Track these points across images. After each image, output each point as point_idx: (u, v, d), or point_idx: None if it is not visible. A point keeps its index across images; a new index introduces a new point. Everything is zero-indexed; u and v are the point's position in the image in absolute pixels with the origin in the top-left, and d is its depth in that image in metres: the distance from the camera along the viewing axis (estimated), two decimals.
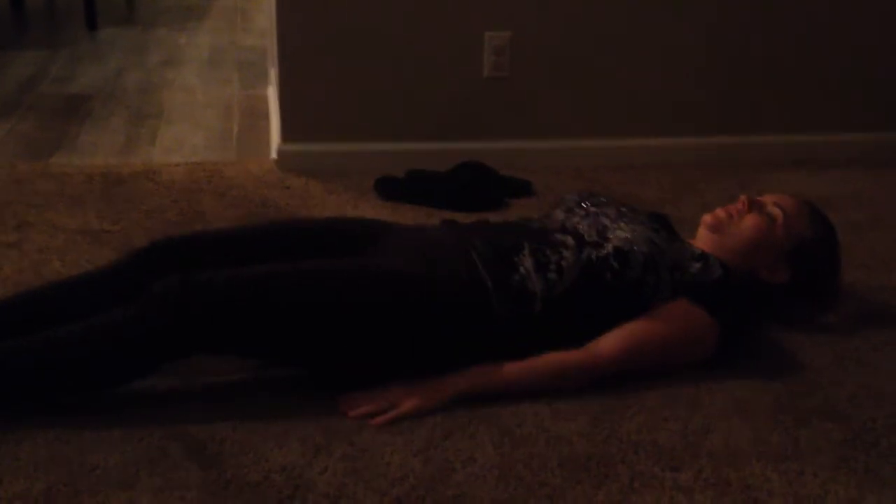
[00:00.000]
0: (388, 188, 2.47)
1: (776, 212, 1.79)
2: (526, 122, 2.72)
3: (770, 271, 1.79)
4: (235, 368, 1.61)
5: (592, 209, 1.77)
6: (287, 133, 2.62)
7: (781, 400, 1.63)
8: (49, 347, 1.45)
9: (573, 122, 2.74)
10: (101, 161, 2.64)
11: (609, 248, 1.65)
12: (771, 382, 1.67)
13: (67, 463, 1.38)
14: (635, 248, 1.64)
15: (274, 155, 2.65)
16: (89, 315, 1.50)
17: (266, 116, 3.11)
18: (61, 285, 1.70)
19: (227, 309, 1.47)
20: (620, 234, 1.67)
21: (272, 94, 3.06)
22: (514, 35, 2.63)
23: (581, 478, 1.41)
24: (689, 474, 1.43)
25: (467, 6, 2.58)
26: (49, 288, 1.70)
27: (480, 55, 2.63)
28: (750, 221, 1.78)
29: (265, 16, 3.79)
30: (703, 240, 1.80)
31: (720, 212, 1.81)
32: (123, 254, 1.72)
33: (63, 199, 2.34)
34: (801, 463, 1.47)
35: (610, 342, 1.61)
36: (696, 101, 2.77)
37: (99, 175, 2.50)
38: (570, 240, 1.66)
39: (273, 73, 2.99)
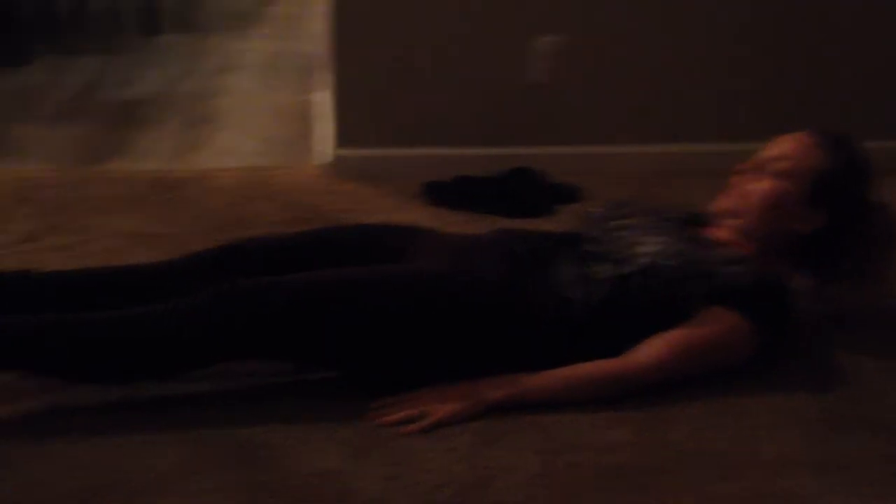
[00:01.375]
0: (437, 193, 2.48)
1: (779, 166, 1.72)
2: (574, 127, 2.71)
3: (804, 222, 1.73)
4: (275, 371, 1.63)
5: (619, 222, 1.75)
6: (339, 138, 2.65)
7: (829, 408, 1.60)
8: (107, 326, 1.49)
9: (621, 128, 2.72)
10: (157, 166, 2.69)
11: (637, 263, 1.63)
12: (816, 390, 1.64)
13: (114, 465, 1.41)
14: (663, 261, 1.62)
15: (324, 159, 2.68)
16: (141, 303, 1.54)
17: (319, 121, 3.14)
18: (122, 270, 1.75)
19: (284, 314, 1.50)
20: (648, 248, 1.65)
21: (324, 99, 3.10)
22: (564, 39, 2.62)
23: (625, 488, 1.40)
24: (738, 485, 1.41)
25: (515, 12, 2.58)
26: (110, 270, 1.75)
27: (528, 60, 2.63)
28: (754, 189, 1.73)
29: (319, 22, 3.83)
30: (726, 230, 1.76)
31: (723, 198, 1.77)
32: (180, 255, 1.76)
33: (119, 202, 2.40)
34: (852, 475, 1.44)
35: (647, 351, 1.59)
36: (747, 106, 2.73)
37: (154, 179, 2.55)
38: (599, 253, 1.66)
39: (326, 79, 3.02)
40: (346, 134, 2.64)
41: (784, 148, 1.75)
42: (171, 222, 2.29)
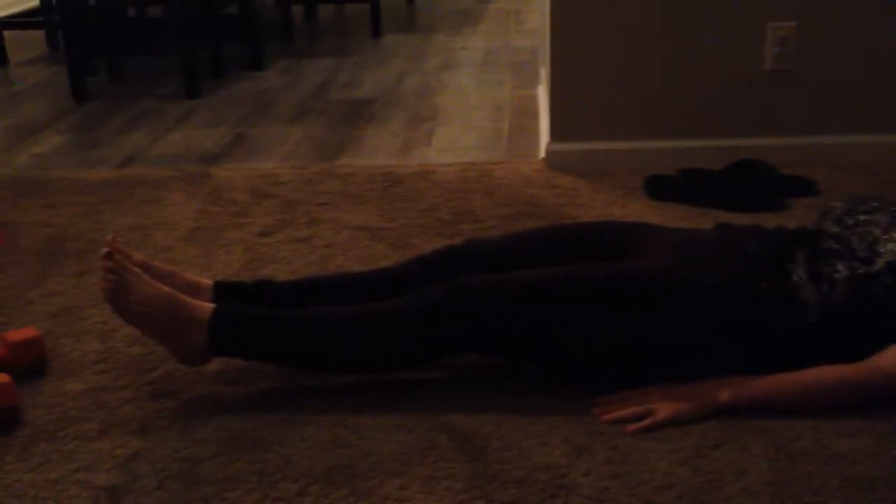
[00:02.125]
0: (659, 187, 2.41)
1: None
2: (811, 116, 2.55)
3: None
4: (493, 364, 1.64)
5: (862, 218, 1.61)
6: (556, 132, 2.64)
7: None
8: (336, 321, 1.58)
9: (864, 117, 2.54)
10: (382, 162, 2.79)
11: (881, 263, 1.50)
12: None
13: (346, 447, 1.47)
14: None
15: (543, 154, 2.68)
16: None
17: (536, 116, 3.15)
18: (347, 276, 1.85)
19: (509, 310, 1.52)
20: (893, 246, 1.51)
21: (542, 93, 3.10)
22: (801, 24, 2.47)
23: (865, 501, 1.30)
24: None
25: None
26: (335, 277, 1.86)
27: (762, 47, 2.50)
28: None
29: (537, 16, 3.84)
30: None
31: None
32: (407, 260, 1.82)
33: (347, 197, 2.51)
34: None
35: (893, 358, 1.46)
36: None
37: (379, 175, 2.65)
38: (839, 251, 1.54)
39: (544, 73, 3.02)
40: (562, 128, 2.62)
41: None
42: (395, 216, 2.36)
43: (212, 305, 1.60)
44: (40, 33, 4.68)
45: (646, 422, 1.47)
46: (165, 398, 1.62)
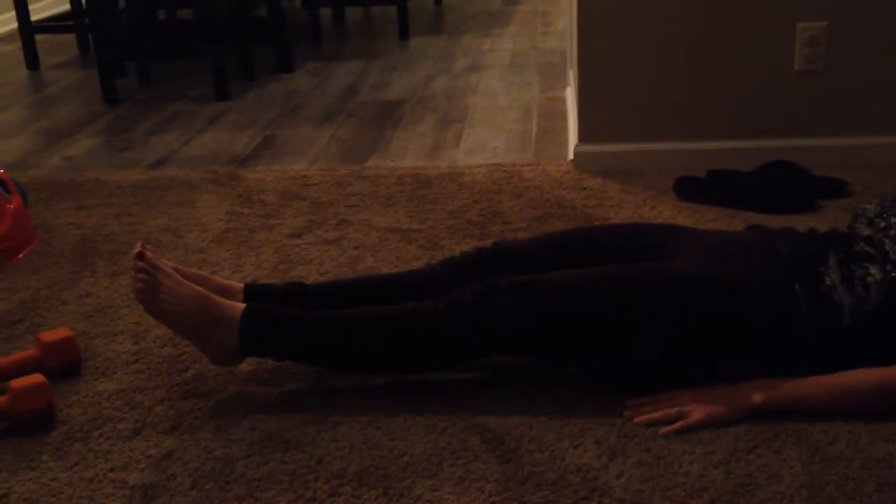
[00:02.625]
0: (689, 188, 2.40)
1: None
2: (843, 117, 2.53)
3: None
4: (522, 366, 1.64)
5: (895, 220, 1.60)
6: (585, 133, 2.63)
7: None
8: (367, 321, 1.58)
9: (890, 117, 2.51)
10: (411, 163, 2.80)
11: None
12: None
13: (378, 448, 1.47)
14: None
15: (571, 156, 2.67)
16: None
17: (564, 118, 3.14)
18: (377, 278, 1.87)
19: (539, 310, 1.51)
20: None
21: (570, 95, 3.09)
22: (831, 24, 2.45)
23: None
24: None
25: None
26: (365, 279, 1.87)
27: (792, 47, 2.48)
28: None
29: (565, 18, 3.83)
30: None
31: None
32: (436, 262, 1.84)
33: (377, 199, 2.51)
34: None
35: None
36: None
37: (409, 177, 2.65)
38: (874, 254, 1.53)
39: (571, 75, 3.01)
40: (590, 130, 2.61)
41: None
42: (424, 218, 2.36)
43: (242, 305, 1.61)
44: (71, 37, 4.73)
45: (678, 424, 1.46)
46: (198, 398, 1.64)
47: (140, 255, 1.58)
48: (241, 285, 1.74)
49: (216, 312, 1.58)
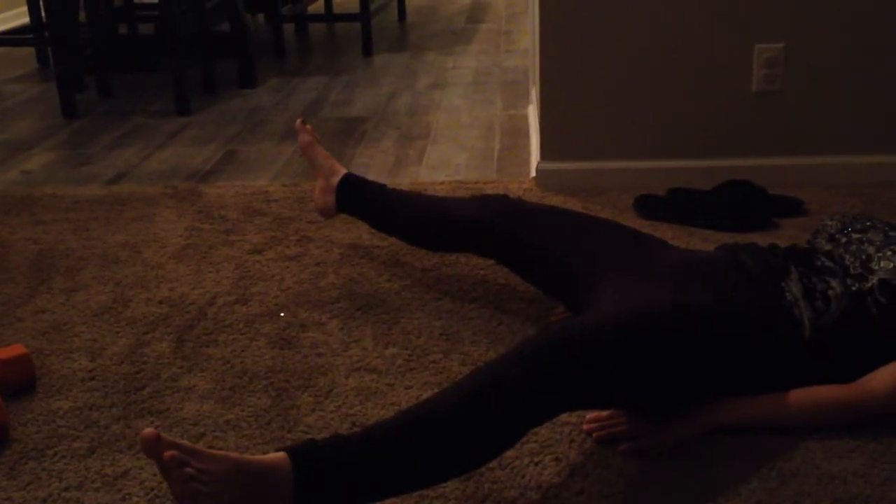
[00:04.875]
0: (649, 206, 2.43)
1: None
2: (799, 137, 2.57)
3: None
4: None
5: (856, 236, 1.63)
6: (547, 151, 2.65)
7: None
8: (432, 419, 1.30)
9: (850, 137, 2.56)
10: (374, 180, 2.79)
11: (874, 280, 1.51)
12: None
13: None
14: None
15: (533, 173, 2.69)
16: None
17: (527, 135, 3.16)
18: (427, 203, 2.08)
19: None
20: (886, 264, 1.53)
21: (533, 113, 3.11)
22: (788, 46, 2.50)
23: None
24: None
25: (735, 18, 2.49)
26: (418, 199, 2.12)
27: (750, 68, 2.52)
28: None
29: (528, 37, 3.86)
30: None
31: None
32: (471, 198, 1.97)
33: (339, 216, 2.50)
34: None
35: (886, 378, 1.47)
36: None
37: None
38: (835, 269, 1.55)
39: (534, 93, 3.03)
40: (552, 147, 2.63)
41: None
42: (386, 235, 2.36)
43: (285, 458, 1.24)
44: (30, 50, 4.67)
45: (638, 442, 1.47)
46: (155, 416, 1.62)
47: (155, 443, 1.18)
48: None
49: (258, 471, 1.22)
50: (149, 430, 1.17)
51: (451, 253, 2.17)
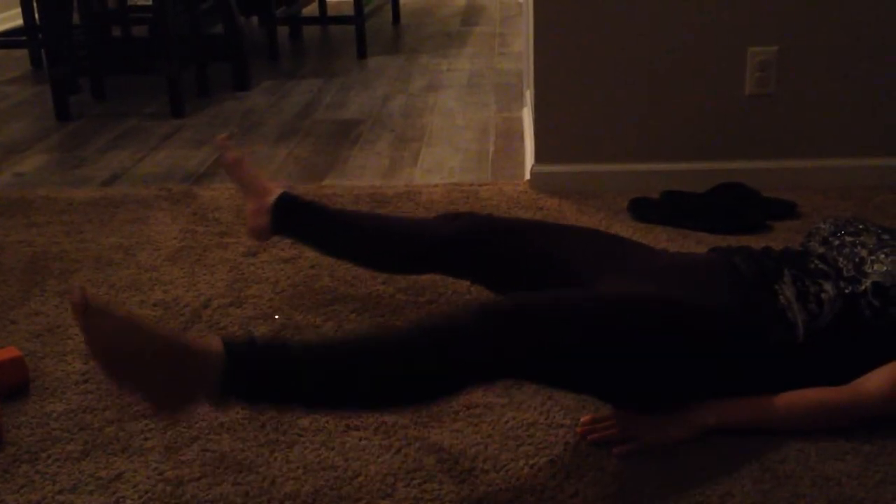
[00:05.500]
0: (643, 209, 2.43)
1: None
2: (792, 140, 2.58)
3: None
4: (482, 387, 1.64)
5: (849, 239, 1.63)
6: (541, 154, 2.65)
7: None
8: (368, 354, 1.33)
9: (843, 140, 2.57)
10: (368, 182, 2.80)
11: (867, 283, 1.52)
12: None
13: (333, 468, 1.46)
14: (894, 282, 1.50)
15: (528, 176, 2.69)
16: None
17: (521, 138, 3.16)
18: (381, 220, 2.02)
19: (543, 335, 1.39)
20: (879, 267, 1.53)
21: (527, 115, 3.11)
22: (781, 49, 2.51)
23: None
24: None
25: (729, 21, 2.49)
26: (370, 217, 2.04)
27: (743, 71, 2.53)
28: None
29: (522, 39, 3.86)
30: None
31: None
32: (436, 216, 1.93)
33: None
34: None
35: (879, 381, 1.47)
36: None
37: (366, 196, 2.65)
38: (828, 271, 1.56)
39: (528, 96, 3.04)
40: (546, 150, 2.64)
41: None
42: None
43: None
44: (24, 52, 4.66)
45: (632, 444, 1.47)
46: (148, 419, 1.61)
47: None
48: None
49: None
50: (77, 292, 1.19)
51: (418, 275, 2.04)
